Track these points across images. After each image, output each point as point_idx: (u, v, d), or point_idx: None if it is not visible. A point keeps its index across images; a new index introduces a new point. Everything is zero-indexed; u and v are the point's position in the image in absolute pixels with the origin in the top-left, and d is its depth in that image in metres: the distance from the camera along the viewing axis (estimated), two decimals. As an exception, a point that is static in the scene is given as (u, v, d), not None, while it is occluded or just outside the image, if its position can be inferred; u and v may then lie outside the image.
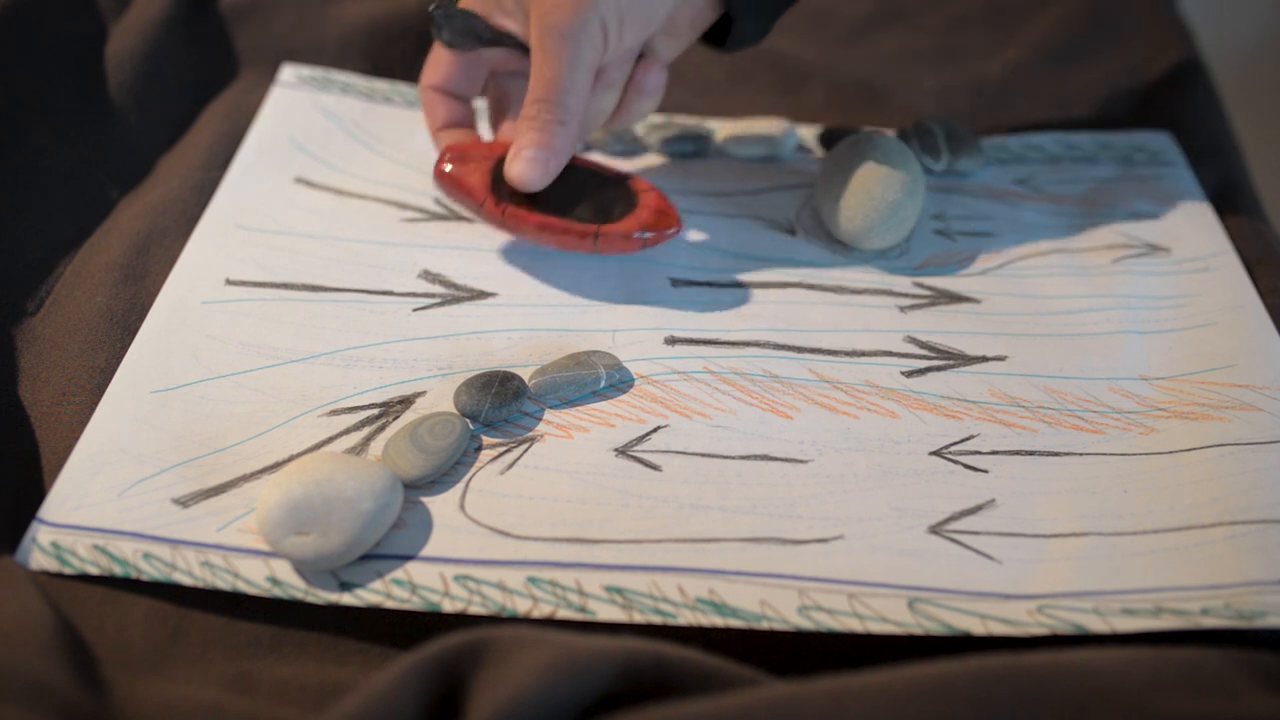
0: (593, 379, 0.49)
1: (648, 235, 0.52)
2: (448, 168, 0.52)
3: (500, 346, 0.51)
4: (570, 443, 0.47)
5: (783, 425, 0.48)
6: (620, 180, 0.54)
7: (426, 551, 0.43)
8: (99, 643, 0.40)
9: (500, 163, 0.52)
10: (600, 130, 0.59)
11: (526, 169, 0.51)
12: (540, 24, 0.49)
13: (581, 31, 0.49)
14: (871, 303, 0.54)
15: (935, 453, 0.47)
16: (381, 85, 0.65)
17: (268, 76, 0.65)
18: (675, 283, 0.55)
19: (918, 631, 0.41)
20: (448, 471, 0.45)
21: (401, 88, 0.65)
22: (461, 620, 0.41)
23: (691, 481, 0.46)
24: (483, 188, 0.52)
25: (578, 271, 0.55)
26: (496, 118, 0.57)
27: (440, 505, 0.44)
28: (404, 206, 0.58)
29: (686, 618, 0.41)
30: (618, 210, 0.52)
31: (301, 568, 0.42)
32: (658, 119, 0.64)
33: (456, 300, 0.53)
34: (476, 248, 0.56)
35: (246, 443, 0.46)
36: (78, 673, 0.37)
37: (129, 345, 0.50)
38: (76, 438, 0.46)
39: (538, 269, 0.55)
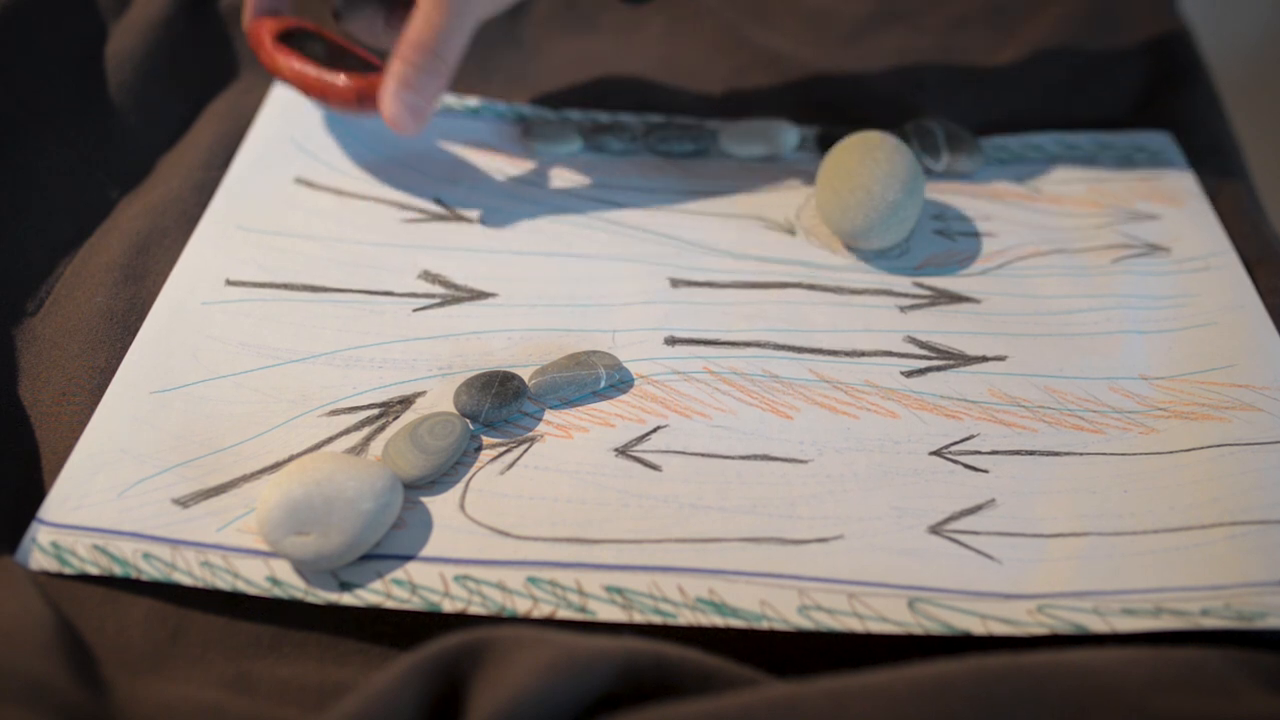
0: (593, 379, 0.49)
1: (365, 99, 0.56)
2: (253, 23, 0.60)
3: (500, 346, 0.51)
4: (570, 443, 0.47)
5: (783, 425, 0.48)
6: (377, 66, 0.58)
7: (426, 551, 0.43)
8: (99, 643, 0.40)
9: (293, 28, 0.59)
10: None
11: (401, 112, 0.54)
12: None
13: None
14: (871, 303, 0.54)
15: (935, 452, 0.47)
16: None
17: (267, 77, 0.65)
18: (675, 283, 0.55)
19: (918, 631, 0.41)
20: (448, 471, 0.45)
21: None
22: (461, 620, 0.41)
23: (691, 481, 0.46)
24: (271, 35, 0.58)
25: (578, 271, 0.55)
26: None
27: (440, 505, 0.44)
28: (404, 207, 0.58)
29: (686, 618, 0.41)
30: (356, 74, 0.57)
31: (301, 568, 0.42)
32: (658, 119, 0.64)
33: (456, 300, 0.53)
34: (476, 248, 0.56)
35: (246, 443, 0.46)
36: (78, 673, 0.37)
37: (129, 345, 0.50)
38: (76, 438, 0.46)
39: (538, 269, 0.55)
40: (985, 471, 0.47)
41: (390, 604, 0.41)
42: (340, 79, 0.56)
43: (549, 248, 0.56)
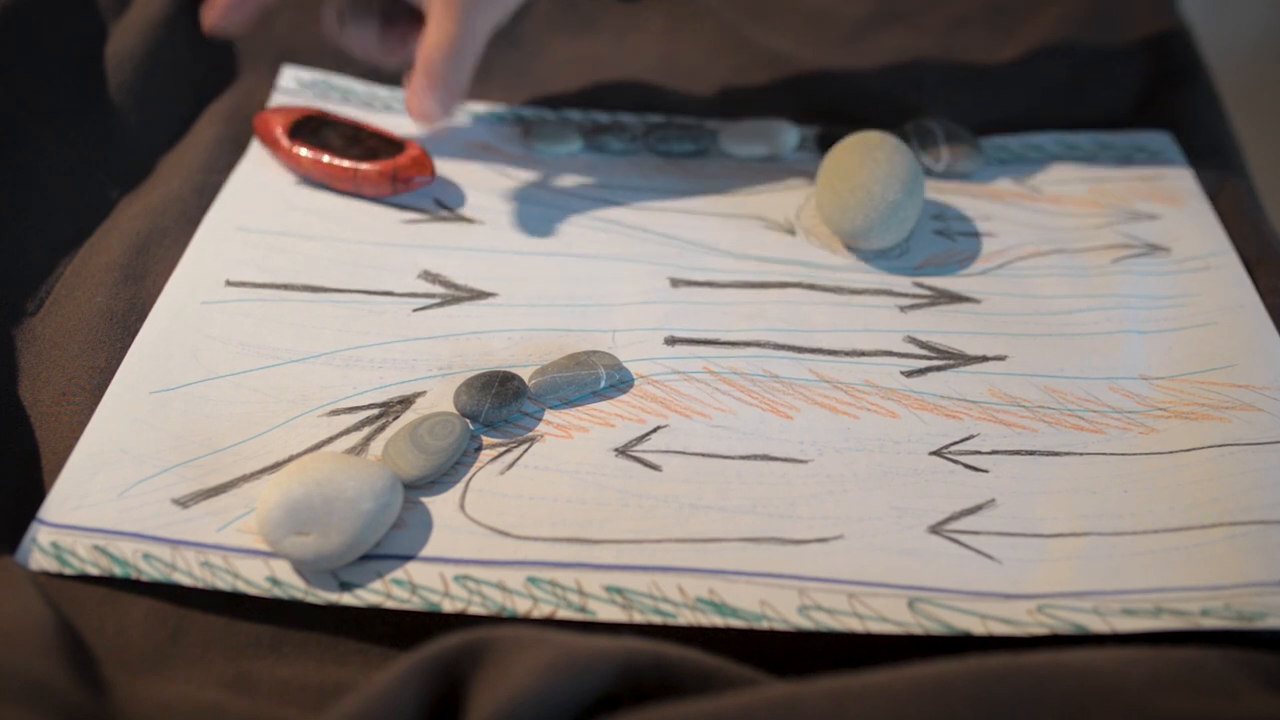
0: (593, 379, 0.49)
1: (399, 182, 0.57)
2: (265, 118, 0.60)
3: (500, 346, 0.51)
4: (570, 443, 0.47)
5: (783, 425, 0.48)
6: (395, 140, 0.59)
7: (426, 551, 0.43)
8: (99, 643, 0.40)
9: (300, 119, 0.59)
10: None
11: (425, 103, 0.56)
12: None
13: (487, 3, 0.55)
14: (871, 303, 0.54)
15: (935, 452, 0.47)
16: (383, 93, 0.65)
17: (268, 78, 0.65)
18: (675, 283, 0.55)
19: (918, 631, 0.41)
20: (448, 471, 0.45)
21: (402, 94, 0.65)
22: (461, 620, 0.41)
23: (691, 481, 0.46)
24: (284, 131, 0.59)
25: (578, 271, 0.55)
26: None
27: (440, 505, 0.45)
28: (404, 207, 0.58)
29: (686, 618, 0.41)
30: (382, 156, 0.58)
31: (301, 568, 0.42)
32: (658, 119, 0.64)
33: (456, 300, 0.53)
34: (476, 248, 0.56)
35: (246, 443, 0.46)
36: (78, 673, 0.37)
37: (129, 345, 0.50)
38: (76, 438, 0.46)
39: (538, 269, 0.55)
40: (985, 471, 0.47)
41: (390, 604, 0.41)
42: (370, 167, 0.57)
43: (549, 248, 0.56)
